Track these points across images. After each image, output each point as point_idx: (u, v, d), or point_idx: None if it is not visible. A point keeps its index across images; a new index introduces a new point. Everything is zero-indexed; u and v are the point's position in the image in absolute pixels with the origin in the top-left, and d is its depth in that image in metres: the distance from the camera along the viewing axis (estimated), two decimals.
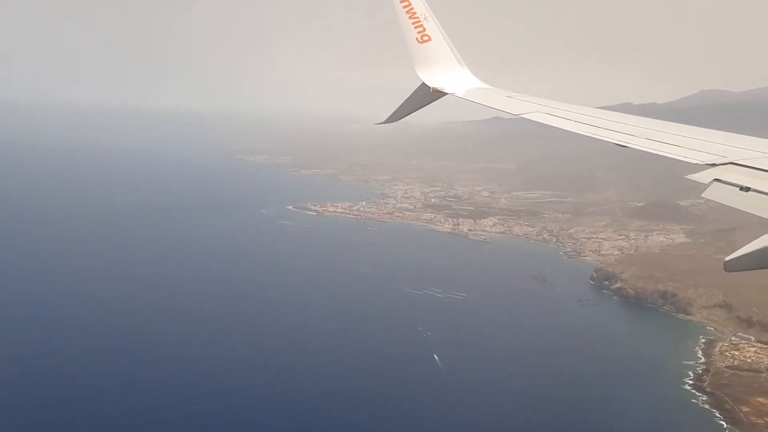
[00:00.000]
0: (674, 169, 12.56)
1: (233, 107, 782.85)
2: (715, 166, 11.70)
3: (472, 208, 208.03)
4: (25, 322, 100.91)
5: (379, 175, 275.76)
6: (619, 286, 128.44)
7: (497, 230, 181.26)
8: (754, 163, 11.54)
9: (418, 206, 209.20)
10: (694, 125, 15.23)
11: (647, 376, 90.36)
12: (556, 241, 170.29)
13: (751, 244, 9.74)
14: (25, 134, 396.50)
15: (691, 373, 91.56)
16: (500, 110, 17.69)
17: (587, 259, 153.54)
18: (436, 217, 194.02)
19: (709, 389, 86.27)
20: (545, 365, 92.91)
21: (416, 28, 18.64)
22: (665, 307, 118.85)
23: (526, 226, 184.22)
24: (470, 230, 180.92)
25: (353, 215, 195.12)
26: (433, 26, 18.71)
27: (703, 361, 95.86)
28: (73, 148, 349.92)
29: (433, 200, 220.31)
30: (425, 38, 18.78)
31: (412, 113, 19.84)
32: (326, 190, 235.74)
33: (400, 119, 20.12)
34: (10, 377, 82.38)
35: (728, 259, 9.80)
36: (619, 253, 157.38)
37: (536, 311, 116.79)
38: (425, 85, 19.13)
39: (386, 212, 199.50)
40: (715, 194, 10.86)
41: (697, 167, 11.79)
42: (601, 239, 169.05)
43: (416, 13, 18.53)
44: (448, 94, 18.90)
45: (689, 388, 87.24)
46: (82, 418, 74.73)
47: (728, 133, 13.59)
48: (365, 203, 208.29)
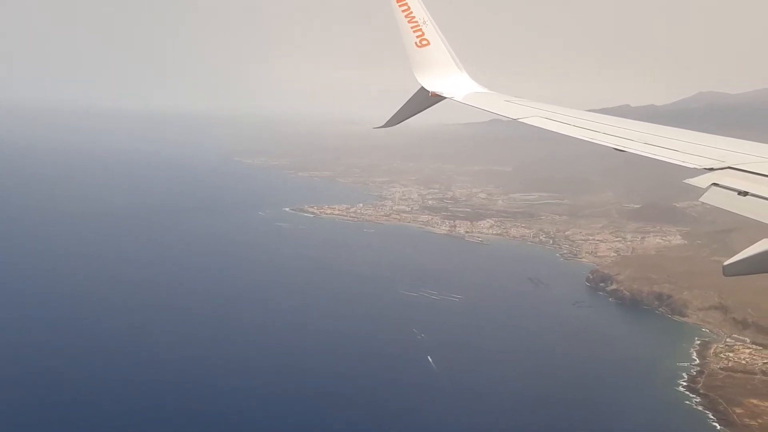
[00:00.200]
0: (671, 171, 12.63)
1: (232, 109, 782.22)
2: (713, 170, 11.70)
3: (469, 209, 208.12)
4: (24, 322, 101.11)
5: (376, 177, 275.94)
6: (614, 287, 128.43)
7: (494, 232, 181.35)
8: (752, 167, 11.55)
9: (415, 208, 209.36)
10: (692, 127, 15.26)
11: (641, 377, 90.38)
12: (552, 243, 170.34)
13: (749, 248, 9.66)
14: (24, 135, 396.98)
15: (685, 374, 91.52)
16: (499, 114, 17.68)
17: (583, 260, 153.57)
18: (433, 218, 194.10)
19: (702, 391, 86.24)
20: (539, 367, 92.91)
21: (415, 32, 18.72)
22: (661, 308, 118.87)
23: (522, 227, 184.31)
24: (467, 232, 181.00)
25: (350, 217, 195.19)
26: (431, 30, 18.78)
27: (697, 362, 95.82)
28: (72, 149, 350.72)
29: (430, 202, 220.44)
30: (424, 42, 18.84)
31: (410, 117, 19.88)
32: (323, 192, 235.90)
33: (398, 123, 20.11)
34: (9, 377, 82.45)
35: (727, 263, 9.74)
36: (615, 254, 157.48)
37: (531, 313, 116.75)
38: (424, 89, 19.20)
39: (383, 214, 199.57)
40: (713, 199, 10.87)
41: (695, 172, 11.82)
42: (597, 241, 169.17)
43: (415, 17, 18.61)
44: (446, 98, 18.97)
45: (683, 389, 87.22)
46: (81, 419, 74.79)
47: (726, 137, 13.66)
48: (362, 205, 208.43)
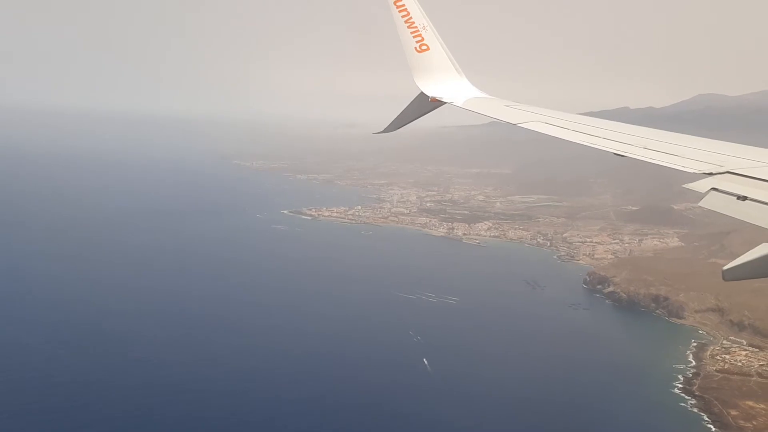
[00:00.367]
0: (669, 173, 12.65)
1: (232, 113, 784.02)
2: (712, 175, 11.68)
3: (467, 212, 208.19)
4: (19, 324, 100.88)
5: (375, 179, 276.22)
6: (611, 289, 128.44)
7: (492, 234, 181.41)
8: (751, 172, 11.52)
9: (413, 210, 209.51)
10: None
11: (636, 379, 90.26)
12: (550, 245, 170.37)
13: (749, 253, 9.56)
14: (19, 139, 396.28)
15: (681, 376, 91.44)
16: (499, 120, 17.71)
17: (581, 262, 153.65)
18: (430, 221, 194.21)
19: (698, 393, 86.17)
20: (535, 369, 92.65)
21: (415, 37, 18.70)
22: (658, 310, 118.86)
23: (520, 230, 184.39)
24: (464, 234, 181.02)
25: (348, 219, 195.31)
26: (431, 36, 18.76)
27: (693, 364, 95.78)
28: (69, 152, 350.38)
29: (428, 204, 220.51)
30: (424, 48, 18.83)
31: (410, 122, 19.85)
32: (322, 194, 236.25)
33: (398, 128, 20.09)
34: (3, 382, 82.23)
35: (726, 268, 9.62)
36: (612, 257, 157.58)
37: (528, 315, 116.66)
38: (424, 94, 19.20)
39: (381, 216, 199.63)
40: (712, 203, 10.85)
41: (694, 176, 11.81)
42: (595, 243, 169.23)
43: (415, 22, 18.60)
44: (446, 103, 18.98)
45: (678, 391, 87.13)
46: (79, 419, 74.79)
47: (725, 142, 13.63)
48: (360, 207, 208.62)
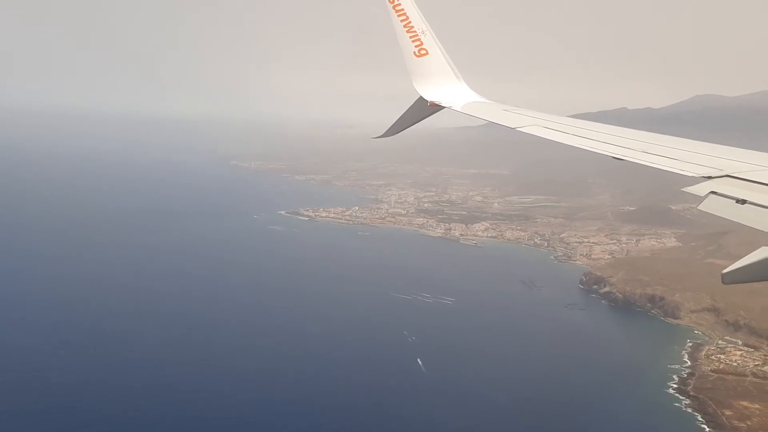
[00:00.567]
0: (667, 174, 12.56)
1: (232, 113, 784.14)
2: (711, 178, 11.68)
3: (464, 212, 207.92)
4: (18, 325, 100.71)
5: (373, 180, 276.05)
6: (607, 290, 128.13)
7: (489, 235, 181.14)
8: (750, 175, 11.54)
9: (410, 211, 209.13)
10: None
11: (631, 380, 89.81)
12: (547, 245, 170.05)
13: (748, 256, 9.55)
14: (18, 139, 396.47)
15: (675, 377, 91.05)
16: (498, 124, 17.70)
17: (578, 263, 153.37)
18: (428, 221, 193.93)
19: (692, 393, 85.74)
20: (529, 369, 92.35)
21: (414, 42, 18.77)
22: (653, 310, 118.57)
23: (518, 230, 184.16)
24: (462, 235, 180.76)
25: (345, 220, 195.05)
26: (430, 40, 18.83)
27: (688, 364, 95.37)
28: (68, 153, 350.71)
29: (426, 205, 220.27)
30: (423, 52, 18.90)
31: (409, 126, 19.96)
32: (319, 195, 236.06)
33: (397, 133, 20.15)
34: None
35: (725, 271, 9.62)
36: (609, 257, 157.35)
37: (523, 315, 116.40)
38: (423, 98, 19.27)
39: (378, 217, 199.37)
40: (711, 207, 10.82)
41: (693, 180, 11.79)
42: (592, 243, 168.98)
43: (414, 27, 18.66)
44: (445, 107, 19.08)
45: (673, 391, 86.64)
46: (81, 420, 74.66)
47: (724, 146, 13.66)
48: (358, 208, 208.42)
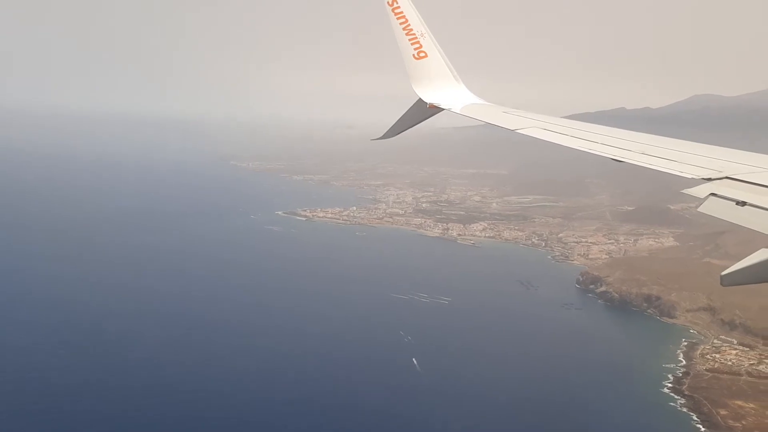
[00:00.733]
0: (666, 174, 12.59)
1: (232, 114, 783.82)
2: (711, 180, 11.69)
3: (462, 212, 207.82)
4: (18, 325, 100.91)
5: (371, 180, 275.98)
6: (604, 289, 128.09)
7: (486, 235, 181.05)
8: (750, 177, 11.55)
9: (408, 211, 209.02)
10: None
11: (626, 379, 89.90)
12: (545, 245, 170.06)
13: (748, 258, 9.47)
14: (18, 140, 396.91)
15: (670, 376, 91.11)
16: (497, 126, 17.75)
17: (575, 263, 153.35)
18: (426, 221, 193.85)
19: (687, 392, 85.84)
20: (525, 369, 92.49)
21: (413, 44, 18.86)
22: (649, 310, 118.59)
23: (516, 230, 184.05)
24: (459, 235, 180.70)
25: (343, 220, 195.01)
26: (429, 43, 18.95)
27: (683, 364, 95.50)
28: (67, 153, 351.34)
29: (424, 205, 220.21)
30: (422, 54, 19.00)
31: (409, 128, 20.08)
32: (317, 195, 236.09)
33: (397, 135, 20.26)
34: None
35: (725, 273, 9.52)
36: (607, 257, 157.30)
37: (520, 315, 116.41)
38: (422, 100, 19.41)
39: (376, 217, 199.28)
40: (711, 209, 10.84)
41: (693, 182, 11.81)
42: (590, 243, 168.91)
43: (413, 30, 18.75)
44: (444, 109, 19.19)
45: (668, 391, 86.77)
46: (80, 420, 74.74)
47: (724, 148, 13.67)
48: (356, 208, 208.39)
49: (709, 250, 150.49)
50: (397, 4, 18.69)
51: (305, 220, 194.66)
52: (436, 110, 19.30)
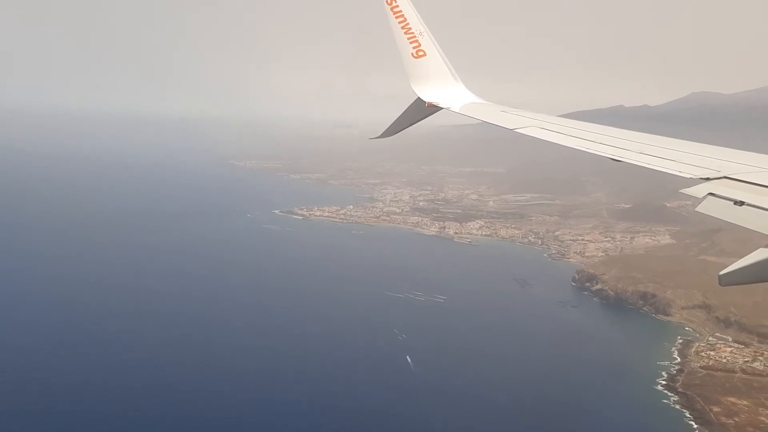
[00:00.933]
0: (665, 173, 12.72)
1: (232, 113, 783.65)
2: (709, 180, 11.70)
3: (459, 211, 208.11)
4: (18, 325, 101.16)
5: (368, 179, 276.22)
6: (599, 287, 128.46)
7: (483, 233, 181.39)
8: (748, 177, 11.56)
9: (405, 210, 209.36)
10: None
11: (620, 377, 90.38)
12: (541, 243, 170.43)
13: (746, 257, 9.43)
14: (18, 140, 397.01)
15: (664, 373, 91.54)
16: (496, 125, 17.83)
17: (571, 260, 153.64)
18: (422, 220, 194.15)
19: (681, 389, 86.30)
20: (520, 367, 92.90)
21: (411, 43, 18.93)
22: (645, 308, 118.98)
23: (512, 228, 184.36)
24: (456, 233, 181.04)
25: (340, 219, 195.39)
26: (428, 41, 19.01)
27: (678, 361, 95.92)
28: (66, 153, 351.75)
29: (421, 203, 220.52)
30: (420, 53, 19.06)
31: (407, 127, 20.13)
32: (315, 194, 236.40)
33: (395, 134, 20.31)
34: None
35: (723, 273, 9.45)
36: (603, 254, 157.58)
37: (515, 313, 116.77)
38: (420, 99, 19.48)
39: (373, 216, 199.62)
40: (709, 208, 10.84)
41: (691, 181, 11.84)
42: (586, 241, 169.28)
43: (411, 28, 18.84)
44: (443, 108, 19.28)
45: (661, 388, 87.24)
46: (80, 420, 75.00)
47: (722, 147, 13.76)
48: (353, 207, 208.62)
49: (705, 247, 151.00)
50: (395, 3, 18.75)
51: (302, 219, 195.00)
52: (435, 109, 19.39)
